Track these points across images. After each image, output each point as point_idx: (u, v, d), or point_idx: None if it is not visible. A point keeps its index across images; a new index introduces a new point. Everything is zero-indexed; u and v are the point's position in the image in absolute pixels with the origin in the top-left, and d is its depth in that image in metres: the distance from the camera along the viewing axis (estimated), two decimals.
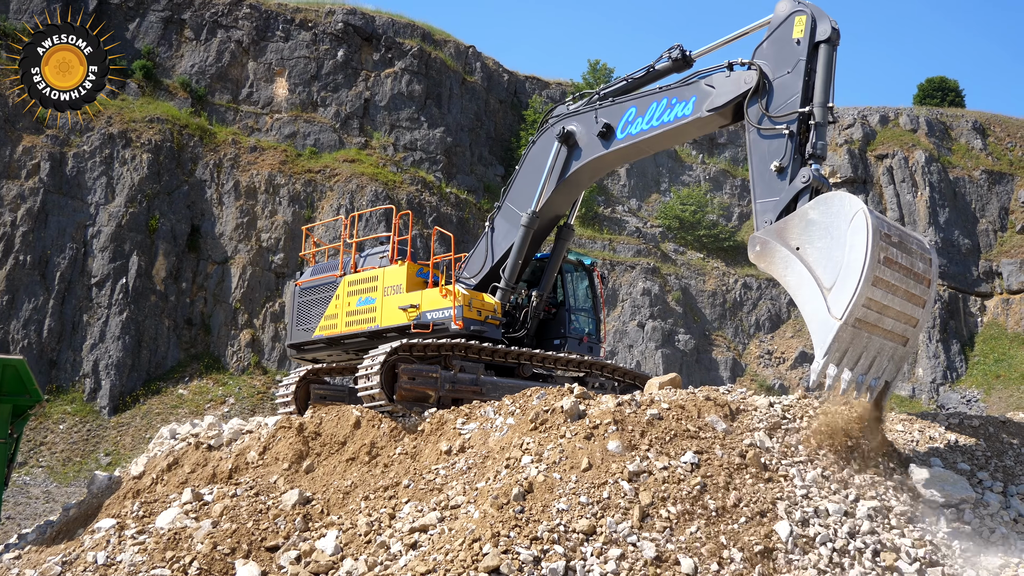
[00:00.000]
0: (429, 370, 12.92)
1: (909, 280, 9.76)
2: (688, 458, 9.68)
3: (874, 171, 47.00)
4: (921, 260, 9.95)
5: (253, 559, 9.67)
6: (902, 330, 9.94)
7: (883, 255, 9.36)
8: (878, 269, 9.29)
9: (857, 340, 9.55)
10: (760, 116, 11.66)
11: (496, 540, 8.26)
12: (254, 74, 41.76)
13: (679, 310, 43.12)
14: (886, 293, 9.51)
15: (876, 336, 9.69)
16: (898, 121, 49.38)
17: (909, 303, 9.82)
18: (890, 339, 9.87)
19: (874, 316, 9.55)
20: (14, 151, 34.22)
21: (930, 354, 41.99)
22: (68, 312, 32.99)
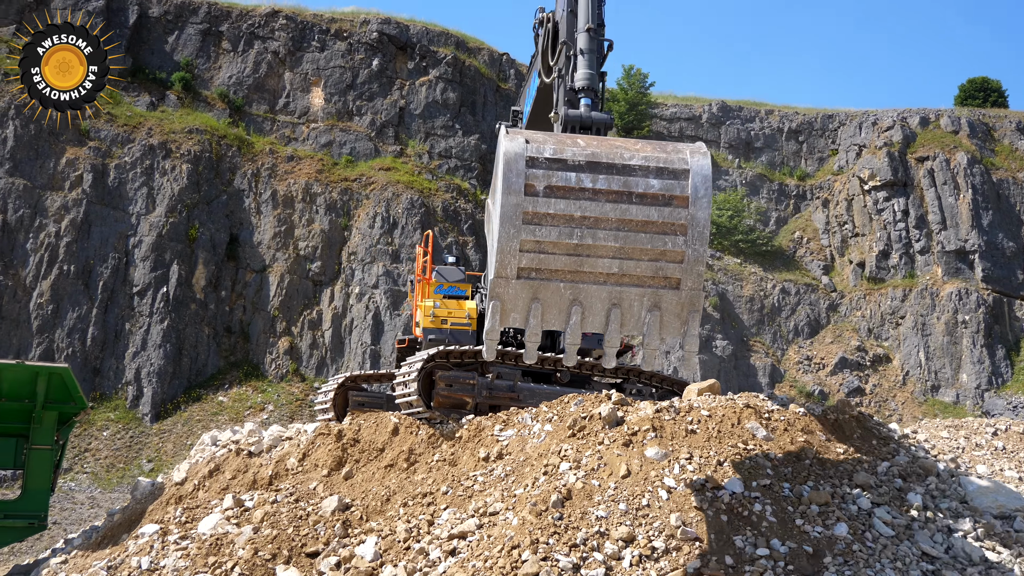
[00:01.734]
0: (466, 377, 12.96)
1: (623, 205, 7.19)
2: (727, 466, 9.62)
3: (915, 174, 46.42)
4: (657, 176, 7.20)
5: (294, 565, 9.74)
6: (649, 270, 7.27)
7: (539, 184, 7.16)
8: (529, 202, 7.13)
9: (550, 294, 7.36)
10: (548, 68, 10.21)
11: (535, 547, 8.26)
12: (290, 84, 42.14)
13: (716, 316, 42.85)
14: (568, 229, 7.18)
15: (589, 284, 7.34)
16: (939, 123, 48.75)
17: (643, 234, 7.17)
18: (629, 283, 7.34)
19: (561, 260, 7.26)
20: (58, 163, 34.80)
21: (974, 359, 41.37)
22: (111, 321, 33.46)
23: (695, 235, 7.11)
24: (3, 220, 33.11)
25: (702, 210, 7.10)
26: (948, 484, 10.43)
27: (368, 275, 37.05)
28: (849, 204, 47.18)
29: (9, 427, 13.39)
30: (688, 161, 7.17)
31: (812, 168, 50.32)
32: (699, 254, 7.17)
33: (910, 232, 45.21)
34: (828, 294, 45.50)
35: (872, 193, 46.35)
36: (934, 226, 45.02)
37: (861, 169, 46.97)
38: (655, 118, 49.86)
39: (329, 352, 35.73)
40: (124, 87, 38.81)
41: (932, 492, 10.22)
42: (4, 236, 33.00)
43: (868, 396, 40.85)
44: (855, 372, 41.90)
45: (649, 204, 7.16)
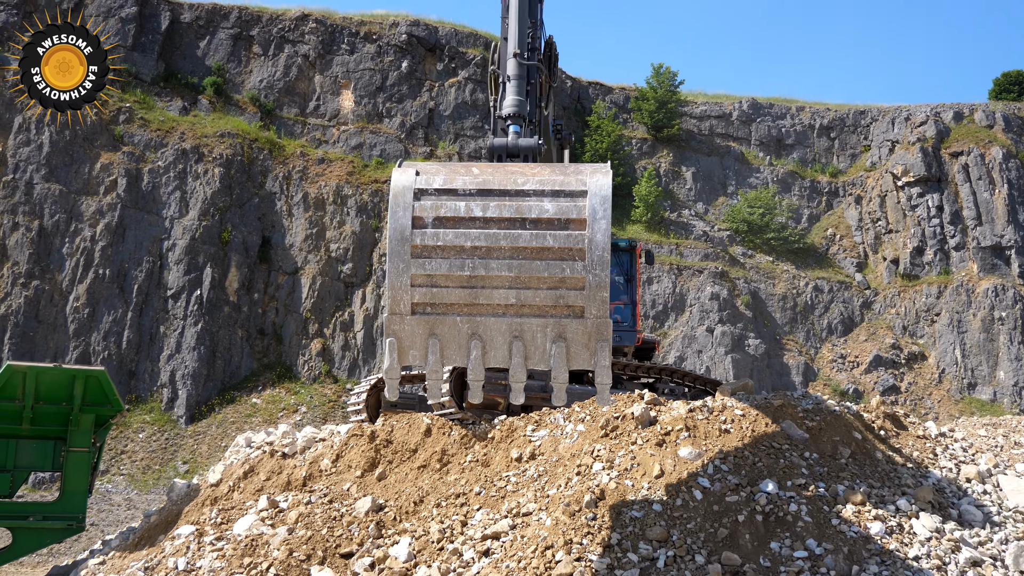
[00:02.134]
0: (498, 377, 12.94)
1: (516, 232, 6.83)
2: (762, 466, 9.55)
3: (949, 169, 45.88)
4: (553, 199, 6.85)
5: (328, 565, 9.78)
6: (550, 299, 6.89)
7: (428, 216, 6.94)
8: (417, 235, 6.90)
9: (448, 329, 7.05)
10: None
11: (569, 548, 8.24)
12: (321, 87, 42.40)
13: (748, 314, 42.58)
14: (460, 260, 6.89)
15: (488, 316, 7.00)
16: (973, 117, 48.14)
17: (539, 261, 6.79)
18: (529, 314, 6.95)
19: (455, 293, 6.97)
20: (92, 168, 35.24)
21: (1011, 356, 40.81)
22: (146, 324, 33.82)
23: (594, 259, 6.69)
24: (39, 225, 33.56)
25: (600, 232, 6.67)
26: (987, 483, 10.29)
27: None
28: (882, 200, 46.71)
29: (47, 430, 13.56)
30: (586, 182, 6.77)
31: (844, 164, 49.87)
32: (600, 279, 6.72)
33: (944, 228, 44.69)
34: (862, 291, 45.07)
35: (906, 189, 45.87)
36: (969, 222, 44.48)
37: (894, 165, 46.49)
38: (685, 116, 49.62)
39: (361, 353, 35.90)
40: (157, 92, 39.24)
41: (971, 491, 10.09)
42: (41, 241, 33.45)
43: (903, 394, 40.42)
44: (890, 370, 41.47)
45: (544, 229, 6.79)
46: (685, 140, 49.44)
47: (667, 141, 48.97)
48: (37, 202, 33.95)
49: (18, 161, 34.31)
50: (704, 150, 49.45)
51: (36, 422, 13.32)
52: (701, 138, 49.89)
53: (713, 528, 8.63)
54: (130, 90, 38.47)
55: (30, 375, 13.17)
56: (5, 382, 13.08)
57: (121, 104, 37.31)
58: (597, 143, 45.81)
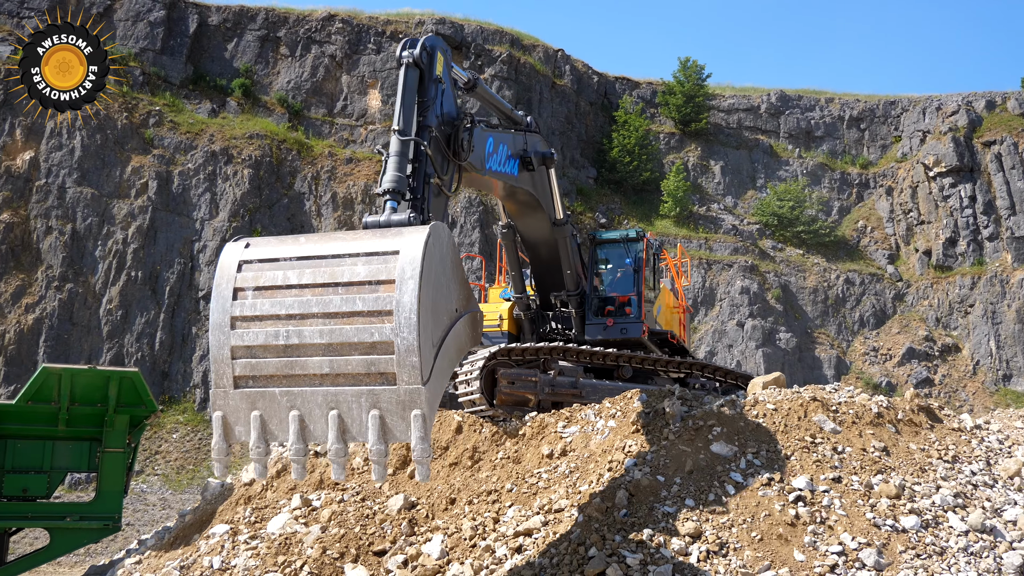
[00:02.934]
0: (528, 374, 12.94)
1: (327, 297, 6.63)
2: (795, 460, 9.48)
3: (981, 159, 45.31)
4: (366, 262, 6.61)
5: (361, 563, 9.82)
6: (362, 366, 6.54)
7: (248, 286, 6.78)
8: (237, 307, 6.75)
9: (268, 402, 6.72)
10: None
11: (602, 544, 8.23)
12: (348, 87, 42.58)
13: (779, 308, 42.29)
14: (275, 329, 6.69)
15: (304, 387, 6.67)
16: (1006, 106, 47.50)
17: (350, 326, 6.53)
18: (344, 383, 6.59)
19: (274, 364, 6.71)
20: (124, 172, 35.60)
21: None
22: (178, 325, 34.13)
23: (402, 321, 6.31)
24: (72, 229, 33.95)
25: (408, 294, 6.32)
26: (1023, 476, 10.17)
27: None
28: (914, 191, 46.22)
29: (82, 431, 13.68)
30: (399, 243, 6.50)
31: (875, 156, 49.40)
32: (409, 343, 6.29)
33: (977, 218, 44.16)
34: (894, 284, 44.64)
35: (937, 179, 45.35)
36: (1002, 212, 43.92)
37: (926, 155, 45.98)
38: (713, 110, 49.36)
39: None
40: (186, 95, 39.57)
41: (1006, 483, 9.97)
42: (74, 244, 33.84)
43: (937, 387, 40.01)
44: (923, 362, 41.05)
45: (355, 292, 6.51)
46: (713, 134, 49.18)
47: (695, 135, 48.74)
48: (70, 206, 34.35)
49: (51, 166, 34.72)
50: (732, 143, 49.18)
51: (72, 423, 13.45)
52: (729, 131, 49.61)
53: (746, 522, 8.59)
54: (159, 93, 38.82)
55: (65, 377, 13.31)
56: (41, 384, 13.22)
57: (151, 107, 37.66)
58: (624, 138, 45.68)
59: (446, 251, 6.89)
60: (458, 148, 9.29)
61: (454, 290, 7.07)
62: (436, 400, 6.58)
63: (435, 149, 8.90)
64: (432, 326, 6.56)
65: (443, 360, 6.75)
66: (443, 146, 9.08)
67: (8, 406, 13.49)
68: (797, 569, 7.97)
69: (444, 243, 6.85)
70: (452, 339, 6.93)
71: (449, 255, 6.98)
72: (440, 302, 6.75)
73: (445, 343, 6.81)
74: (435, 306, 6.62)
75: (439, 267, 6.70)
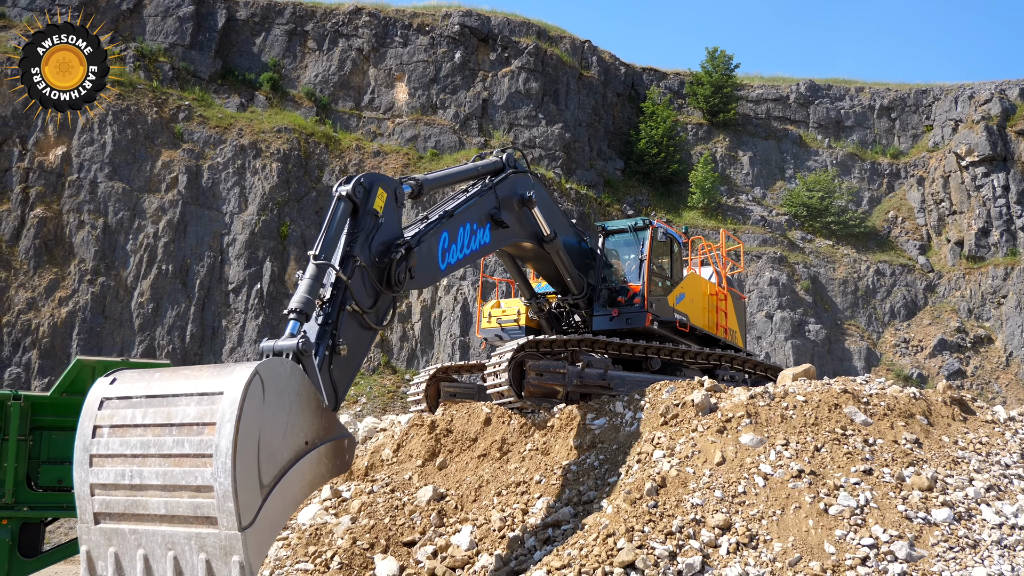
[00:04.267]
0: (556, 366, 12.94)
1: (163, 438, 6.71)
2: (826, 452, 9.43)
3: (1015, 148, 44.70)
4: (197, 403, 6.64)
5: (391, 554, 9.89)
6: (190, 508, 6.57)
7: (105, 424, 6.94)
8: (94, 444, 6.92)
9: (121, 540, 6.82)
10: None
11: (630, 535, 8.23)
12: (375, 80, 42.68)
13: (808, 299, 42.00)
14: (123, 468, 6.79)
15: (147, 527, 6.77)
16: None
17: (180, 468, 6.57)
18: (179, 524, 6.63)
19: (123, 502, 6.81)
20: (154, 166, 35.90)
21: None
22: (208, 318, 34.41)
23: (219, 466, 6.30)
24: (104, 223, 34.30)
25: (224, 438, 6.28)
26: None
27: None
28: (946, 181, 45.69)
29: None
30: (225, 383, 6.46)
31: (906, 145, 48.88)
32: (225, 488, 6.27)
33: (1011, 208, 43.59)
34: (925, 275, 44.19)
35: (970, 169, 44.80)
36: None
37: (958, 145, 45.43)
38: (741, 100, 49.02)
39: (419, 344, 36.14)
40: (215, 89, 39.84)
41: None
42: (105, 238, 34.19)
43: (969, 379, 39.59)
44: (955, 354, 40.62)
45: (185, 434, 6.55)
46: (741, 124, 48.86)
47: (723, 126, 48.44)
48: (101, 200, 34.70)
49: (82, 161, 35.08)
50: (761, 134, 48.83)
51: None
52: (758, 122, 49.27)
53: (776, 515, 8.55)
54: (188, 88, 39.10)
55: (99, 369, 13.44)
56: (75, 377, 13.40)
57: (180, 102, 37.94)
58: (652, 129, 45.48)
59: (286, 385, 6.86)
60: (393, 280, 9.17)
61: (302, 424, 7.04)
62: (263, 545, 6.58)
63: (360, 280, 8.82)
64: (260, 467, 6.54)
65: (277, 500, 6.72)
66: (373, 279, 8.99)
67: (43, 398, 13.69)
68: (828, 562, 7.93)
69: (283, 378, 6.82)
70: (295, 476, 6.91)
71: (293, 388, 6.96)
72: (275, 441, 6.73)
73: (283, 482, 6.80)
74: (265, 446, 6.61)
75: (273, 404, 6.67)
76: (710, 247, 18.86)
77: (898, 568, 7.80)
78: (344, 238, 8.81)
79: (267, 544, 6.67)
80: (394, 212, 9.43)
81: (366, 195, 9.07)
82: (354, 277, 8.68)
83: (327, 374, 8.10)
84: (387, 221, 9.27)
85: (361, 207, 8.99)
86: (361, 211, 8.99)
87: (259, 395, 6.49)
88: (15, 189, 33.87)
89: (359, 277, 8.78)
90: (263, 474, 6.59)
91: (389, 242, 9.28)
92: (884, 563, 7.90)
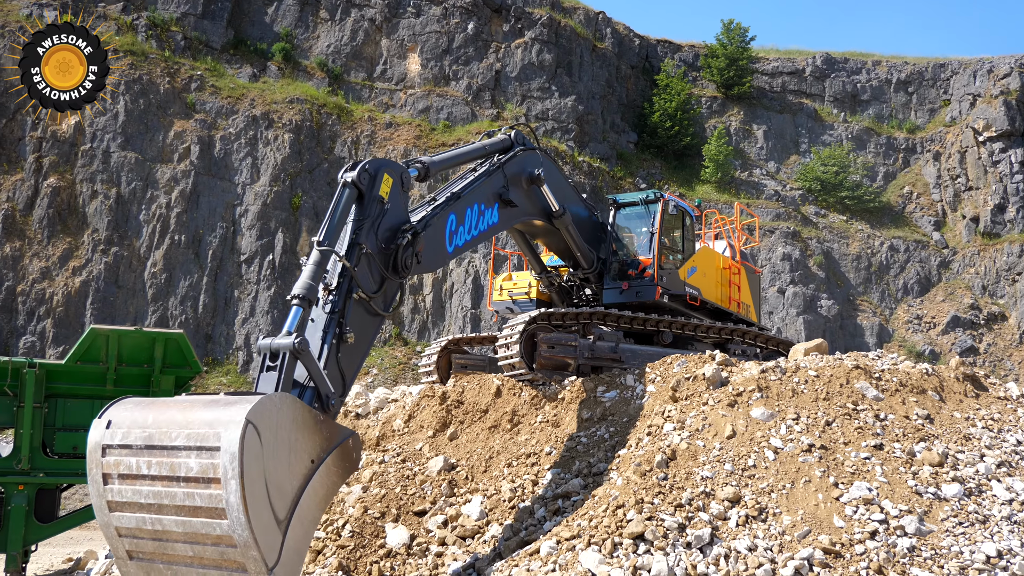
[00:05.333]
0: (568, 339, 12.95)
1: (173, 490, 6.89)
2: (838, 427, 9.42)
3: None
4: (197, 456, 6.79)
5: (402, 523, 9.96)
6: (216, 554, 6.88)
7: (114, 472, 7.10)
8: (108, 491, 7.11)
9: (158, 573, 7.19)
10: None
11: (640, 507, 8.26)
12: (387, 51, 42.50)
13: (821, 275, 41.86)
14: (143, 515, 7.02)
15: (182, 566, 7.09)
16: None
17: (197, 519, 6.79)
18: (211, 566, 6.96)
19: (151, 545, 7.10)
20: (166, 136, 35.92)
21: None
22: (221, 288, 34.53)
23: (234, 520, 6.49)
24: (117, 193, 34.38)
25: (232, 494, 6.44)
26: None
27: None
28: (962, 156, 45.34)
29: (130, 391, 13.95)
30: (220, 435, 6.54)
31: (922, 120, 48.48)
32: (245, 539, 6.52)
33: None
34: (939, 251, 43.96)
35: (987, 144, 44.43)
36: None
37: (975, 119, 45.03)
38: (756, 73, 48.65)
39: (430, 316, 36.21)
40: (227, 60, 39.75)
41: None
42: (119, 208, 34.28)
43: (982, 355, 39.47)
44: (968, 331, 40.48)
45: (193, 487, 6.71)
46: (756, 98, 48.52)
47: (738, 99, 48.12)
48: (114, 170, 34.76)
49: (95, 131, 35.12)
50: (776, 107, 48.50)
51: (119, 383, 13.73)
52: (773, 95, 48.91)
53: (786, 488, 8.57)
54: (201, 58, 39.02)
55: (113, 338, 13.58)
56: (89, 345, 13.51)
57: (192, 72, 37.88)
58: (666, 102, 45.22)
59: (280, 420, 6.94)
60: (400, 266, 9.14)
61: (303, 448, 7.19)
62: (295, 571, 6.94)
63: (366, 268, 8.81)
64: (274, 507, 6.80)
65: (297, 528, 7.01)
66: (379, 265, 8.97)
67: (58, 366, 13.81)
68: (837, 535, 7.95)
69: (275, 415, 6.90)
70: (308, 499, 7.16)
71: (287, 419, 7.05)
72: (281, 476, 6.93)
73: (299, 509, 7.05)
74: (274, 485, 6.81)
75: (272, 444, 6.79)
76: (724, 220, 18.77)
77: (907, 543, 7.82)
78: (350, 225, 8.80)
79: (298, 569, 7.01)
80: (400, 198, 9.39)
81: (371, 181, 9.02)
82: (360, 265, 8.69)
83: (335, 362, 8.19)
84: (393, 207, 9.23)
85: (366, 194, 8.96)
86: (367, 198, 8.96)
87: (256, 443, 6.59)
88: (28, 159, 33.95)
89: (365, 264, 8.79)
90: (277, 512, 6.83)
91: (395, 227, 9.26)
92: (893, 537, 7.91)
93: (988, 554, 7.68)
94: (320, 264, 8.24)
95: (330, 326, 8.30)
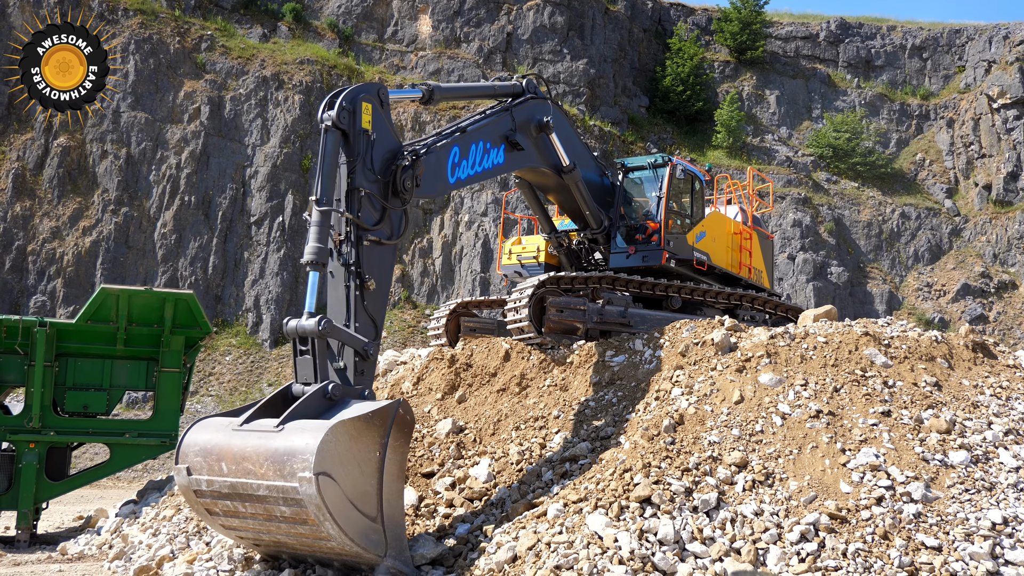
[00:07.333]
0: (577, 303, 12.95)
1: (272, 523, 7.80)
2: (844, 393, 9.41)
3: None
4: (286, 504, 7.46)
5: (410, 484, 10.03)
6: (334, 554, 8.05)
7: (217, 510, 7.98)
8: (216, 520, 8.16)
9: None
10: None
11: (647, 471, 8.30)
12: (398, 12, 42.18)
13: (832, 241, 41.69)
14: (263, 534, 8.08)
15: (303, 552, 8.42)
16: None
17: (307, 538, 7.86)
18: (319, 553, 8.17)
19: (274, 544, 8.30)
20: (176, 97, 35.81)
21: None
22: (230, 250, 34.59)
23: (339, 542, 7.41)
24: (127, 153, 34.36)
25: (329, 527, 7.25)
26: None
27: (477, 203, 37.26)
28: (976, 124, 44.93)
29: (140, 351, 14.04)
30: (299, 491, 7.12)
31: (936, 87, 48.00)
32: (356, 551, 7.53)
33: None
34: (951, 218, 43.71)
35: (1001, 111, 43.99)
36: None
37: (990, 86, 44.56)
38: (769, 38, 48.16)
39: (440, 279, 36.26)
40: (237, 20, 39.51)
41: None
42: (129, 169, 34.28)
43: (992, 324, 39.37)
44: (978, 299, 40.35)
45: (292, 524, 7.53)
46: (769, 62, 48.07)
47: (750, 64, 47.67)
48: (124, 130, 34.71)
49: (105, 90, 35.03)
50: (789, 72, 48.05)
51: (129, 343, 13.81)
52: (786, 60, 48.45)
53: (793, 454, 8.60)
54: (211, 18, 38.81)
55: (123, 298, 13.63)
56: (100, 305, 13.57)
57: (203, 32, 37.68)
58: (678, 67, 44.83)
59: (342, 448, 7.37)
60: (400, 190, 9.11)
61: (368, 448, 7.61)
62: (402, 543, 7.87)
63: (368, 207, 8.85)
64: (365, 514, 7.55)
65: (390, 509, 7.75)
66: (379, 198, 8.95)
67: (69, 325, 13.89)
68: (843, 501, 7.98)
69: (336, 446, 7.30)
70: (388, 482, 7.75)
71: (346, 440, 7.42)
72: (361, 485, 7.55)
73: (385, 492, 7.71)
74: (358, 497, 7.49)
75: (341, 471, 7.31)
76: (737, 185, 18.64)
77: (913, 509, 7.84)
78: (343, 170, 8.79)
79: (403, 534, 7.92)
80: (384, 121, 9.30)
81: (352, 118, 8.93)
82: (363, 208, 8.70)
83: (363, 311, 8.49)
84: (379, 134, 9.17)
85: (350, 131, 8.90)
86: (352, 135, 8.91)
87: (331, 484, 7.17)
88: (38, 118, 33.90)
89: (368, 205, 8.81)
90: (369, 514, 7.57)
91: (392, 151, 9.25)
92: (899, 503, 7.94)
93: (994, 520, 7.71)
94: (323, 224, 8.27)
95: (350, 279, 8.48)
